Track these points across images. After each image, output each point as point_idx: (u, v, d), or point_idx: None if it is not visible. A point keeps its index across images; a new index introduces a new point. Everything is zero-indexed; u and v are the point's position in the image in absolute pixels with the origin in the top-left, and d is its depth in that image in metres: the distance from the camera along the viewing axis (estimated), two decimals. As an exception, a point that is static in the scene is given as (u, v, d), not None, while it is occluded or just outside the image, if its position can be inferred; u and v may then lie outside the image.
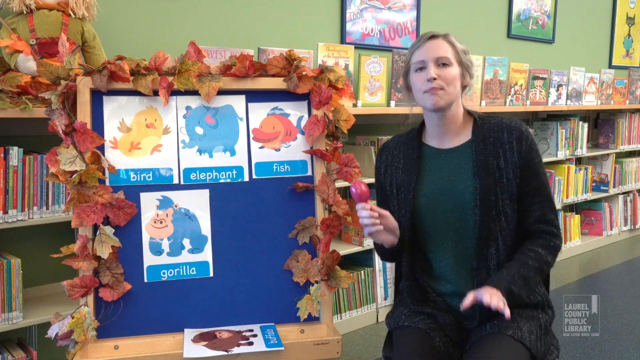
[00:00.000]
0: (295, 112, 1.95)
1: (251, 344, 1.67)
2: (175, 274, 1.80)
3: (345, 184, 2.26)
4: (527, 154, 1.55)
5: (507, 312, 1.37)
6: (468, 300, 1.42)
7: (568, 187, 4.28)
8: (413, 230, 1.62)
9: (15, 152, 1.96)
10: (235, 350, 1.63)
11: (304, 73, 1.91)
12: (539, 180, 1.56)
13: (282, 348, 1.66)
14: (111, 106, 1.80)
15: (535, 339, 1.51)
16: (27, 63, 2.03)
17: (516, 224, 1.57)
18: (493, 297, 1.39)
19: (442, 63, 1.55)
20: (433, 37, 1.58)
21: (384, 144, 1.77)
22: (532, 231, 1.57)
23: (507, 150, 1.55)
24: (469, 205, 1.54)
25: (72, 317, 1.66)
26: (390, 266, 3.10)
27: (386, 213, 1.52)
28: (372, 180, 2.97)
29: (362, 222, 1.50)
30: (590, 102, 4.50)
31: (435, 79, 1.54)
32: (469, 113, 1.65)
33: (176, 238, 1.81)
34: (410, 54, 1.61)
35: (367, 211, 1.48)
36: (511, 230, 1.56)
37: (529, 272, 1.51)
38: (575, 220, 4.40)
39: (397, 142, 1.73)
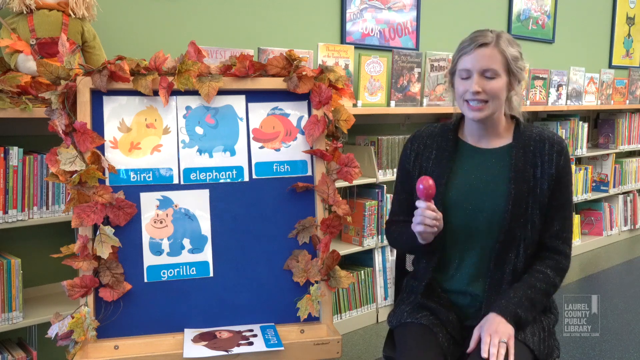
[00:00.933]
0: (295, 112, 1.95)
1: (251, 344, 1.67)
2: (175, 274, 1.80)
3: (345, 184, 2.26)
4: (563, 169, 1.56)
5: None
6: (473, 342, 1.45)
7: (568, 187, 4.27)
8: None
9: (15, 152, 1.96)
10: (235, 350, 1.63)
11: (304, 73, 1.91)
12: (566, 197, 1.57)
13: (282, 348, 1.66)
14: (111, 106, 1.80)
15: (538, 340, 1.51)
16: (27, 63, 2.03)
17: (539, 234, 1.57)
18: (493, 348, 1.40)
19: (488, 76, 1.51)
20: (484, 44, 1.51)
21: (414, 133, 1.73)
22: (547, 246, 1.57)
23: (546, 162, 1.55)
24: (500, 208, 1.54)
25: (72, 317, 1.66)
26: (390, 266, 3.10)
27: (440, 214, 1.49)
28: (372, 180, 2.99)
29: (424, 222, 1.46)
30: (590, 102, 4.50)
31: (479, 92, 1.50)
32: (511, 116, 1.64)
33: (176, 238, 1.81)
34: (457, 56, 1.56)
35: (432, 212, 1.46)
36: (534, 240, 1.56)
37: (537, 294, 1.51)
38: (575, 220, 4.40)
39: (430, 133, 1.69)
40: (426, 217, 1.45)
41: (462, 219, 1.58)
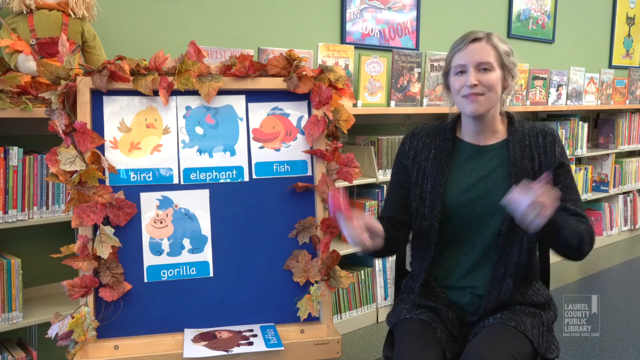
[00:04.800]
0: (295, 112, 1.95)
1: (251, 344, 1.67)
2: (175, 274, 1.80)
3: (345, 184, 2.26)
4: (561, 155, 1.60)
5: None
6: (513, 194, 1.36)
7: (568, 187, 4.27)
8: (440, 219, 1.60)
9: (15, 152, 1.96)
10: (235, 350, 1.63)
11: (304, 73, 1.91)
12: (570, 177, 1.60)
13: (282, 348, 1.66)
14: (111, 106, 1.80)
15: (537, 333, 1.52)
16: (27, 63, 2.03)
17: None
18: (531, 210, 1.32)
19: (484, 68, 1.53)
20: (476, 39, 1.55)
21: (413, 130, 1.73)
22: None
23: (542, 154, 1.58)
24: (498, 208, 1.53)
25: (72, 317, 1.66)
26: (390, 266, 3.10)
27: (371, 223, 1.44)
28: (372, 180, 2.99)
29: (348, 235, 1.41)
30: (590, 102, 4.50)
31: (475, 85, 1.52)
32: (505, 113, 1.66)
33: (176, 238, 1.81)
34: (451, 55, 1.59)
35: (353, 225, 1.39)
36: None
37: (573, 223, 1.49)
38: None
39: (428, 131, 1.70)
40: (349, 232, 1.40)
41: (462, 217, 1.58)
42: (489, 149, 1.62)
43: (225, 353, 1.62)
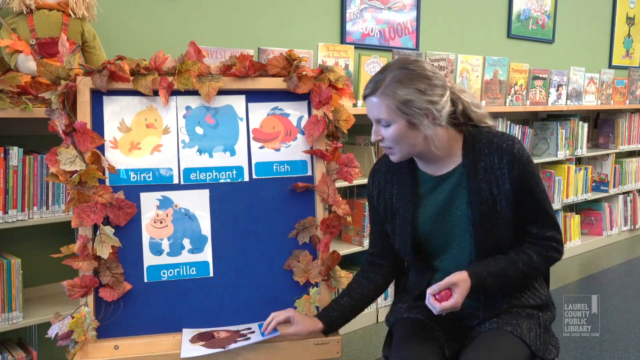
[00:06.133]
0: (295, 112, 1.95)
1: (248, 339, 1.67)
2: (175, 274, 1.80)
3: (345, 184, 2.26)
4: (519, 178, 1.49)
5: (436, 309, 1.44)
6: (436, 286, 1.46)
7: (568, 187, 4.27)
8: (414, 250, 1.60)
9: (15, 152, 1.96)
10: (232, 345, 1.63)
11: (304, 73, 1.91)
12: (534, 200, 1.52)
13: (278, 333, 1.65)
14: (111, 106, 1.80)
15: (534, 336, 1.51)
16: (27, 63, 2.03)
17: (516, 239, 1.56)
18: (441, 306, 1.43)
19: (383, 124, 1.48)
20: (369, 95, 1.48)
21: (374, 167, 1.70)
22: (535, 239, 1.56)
23: (499, 177, 1.50)
24: (466, 232, 1.54)
25: (72, 317, 1.66)
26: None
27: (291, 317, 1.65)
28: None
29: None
30: (590, 102, 4.50)
31: (381, 139, 1.50)
32: (459, 130, 1.56)
33: (176, 238, 1.81)
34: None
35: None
36: (511, 246, 1.55)
37: (514, 272, 1.50)
38: (575, 220, 4.40)
39: (388, 167, 1.65)
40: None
41: (434, 244, 1.58)
42: (447, 177, 1.56)
43: (222, 349, 1.62)
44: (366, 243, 2.98)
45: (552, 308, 1.65)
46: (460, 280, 1.45)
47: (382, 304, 3.11)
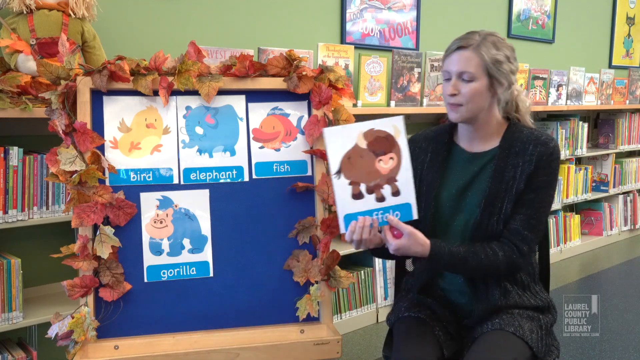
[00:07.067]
0: (295, 112, 1.95)
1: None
2: (175, 274, 1.80)
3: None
4: (541, 168, 1.52)
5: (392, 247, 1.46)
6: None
7: (568, 187, 4.28)
8: (428, 224, 1.60)
9: (15, 152, 1.96)
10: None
11: (304, 73, 1.91)
12: (537, 195, 1.53)
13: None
14: (111, 106, 1.80)
15: (536, 337, 1.51)
16: (27, 63, 2.03)
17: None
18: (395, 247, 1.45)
19: (465, 78, 1.51)
20: (460, 47, 1.52)
21: (412, 136, 1.73)
22: (507, 237, 1.54)
23: (526, 162, 1.53)
24: (475, 207, 1.55)
25: (72, 317, 1.66)
26: (391, 266, 3.10)
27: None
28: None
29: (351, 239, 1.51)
30: (590, 102, 4.50)
31: (455, 94, 1.52)
32: (507, 118, 1.62)
33: (176, 238, 1.81)
34: (443, 60, 1.59)
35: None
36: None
37: (473, 262, 1.50)
38: (575, 220, 4.40)
39: (426, 137, 1.71)
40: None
41: (447, 220, 1.60)
42: (480, 156, 1.61)
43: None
44: (366, 243, 2.98)
45: (553, 311, 1.65)
46: (421, 241, 1.46)
47: (382, 304, 3.11)
